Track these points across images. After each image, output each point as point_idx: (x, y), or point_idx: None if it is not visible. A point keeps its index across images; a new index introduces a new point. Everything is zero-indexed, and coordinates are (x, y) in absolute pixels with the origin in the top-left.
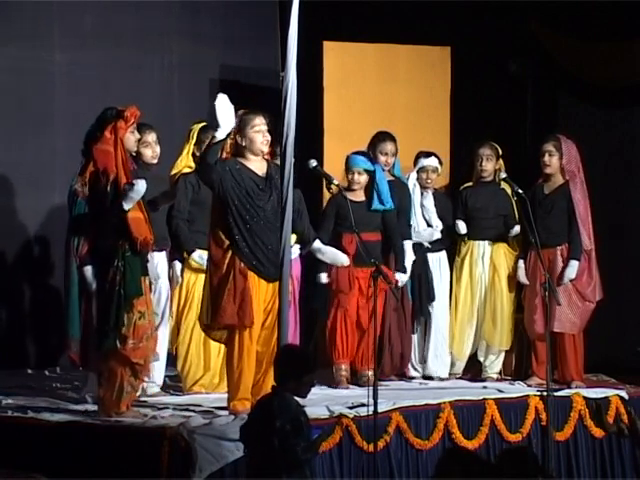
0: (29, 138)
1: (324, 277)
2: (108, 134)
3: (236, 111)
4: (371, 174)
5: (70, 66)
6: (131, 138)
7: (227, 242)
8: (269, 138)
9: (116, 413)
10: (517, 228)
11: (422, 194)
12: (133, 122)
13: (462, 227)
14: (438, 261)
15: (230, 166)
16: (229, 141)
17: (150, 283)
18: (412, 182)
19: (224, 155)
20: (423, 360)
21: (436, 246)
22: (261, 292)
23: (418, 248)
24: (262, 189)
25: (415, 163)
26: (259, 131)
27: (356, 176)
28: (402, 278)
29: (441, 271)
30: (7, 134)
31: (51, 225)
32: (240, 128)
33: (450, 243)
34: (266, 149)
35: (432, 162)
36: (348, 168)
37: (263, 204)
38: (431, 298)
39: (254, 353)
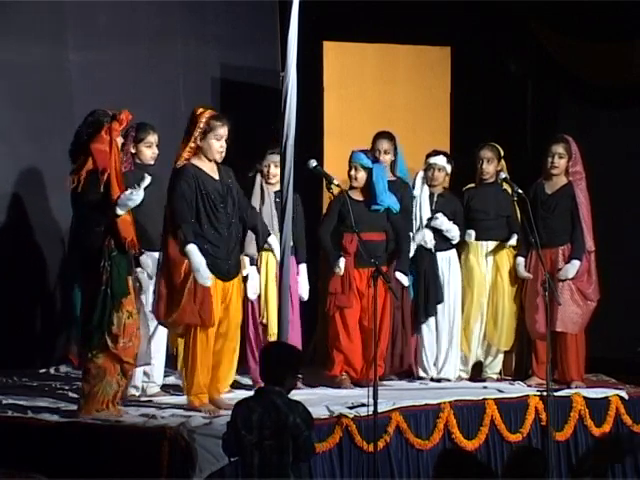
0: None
1: (342, 263)
2: (104, 134)
3: (236, 111)
4: (369, 172)
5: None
6: (118, 141)
7: None
8: (225, 147)
9: (97, 410)
10: (514, 238)
11: (432, 195)
12: (126, 125)
13: (471, 235)
14: (448, 261)
15: (193, 172)
16: (190, 144)
17: (140, 284)
18: (419, 180)
19: (185, 155)
20: (435, 362)
21: (445, 245)
22: (218, 291)
23: (423, 248)
24: (220, 193)
25: (426, 162)
26: (220, 139)
27: (353, 171)
28: (402, 278)
29: (451, 271)
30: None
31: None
32: (204, 131)
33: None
34: (220, 158)
35: (438, 160)
36: (349, 163)
37: (223, 207)
38: (439, 299)
39: (211, 350)
